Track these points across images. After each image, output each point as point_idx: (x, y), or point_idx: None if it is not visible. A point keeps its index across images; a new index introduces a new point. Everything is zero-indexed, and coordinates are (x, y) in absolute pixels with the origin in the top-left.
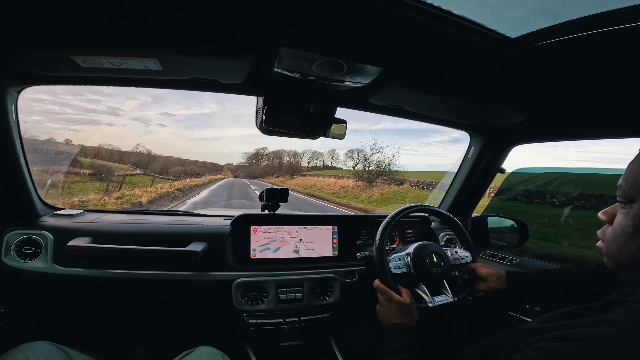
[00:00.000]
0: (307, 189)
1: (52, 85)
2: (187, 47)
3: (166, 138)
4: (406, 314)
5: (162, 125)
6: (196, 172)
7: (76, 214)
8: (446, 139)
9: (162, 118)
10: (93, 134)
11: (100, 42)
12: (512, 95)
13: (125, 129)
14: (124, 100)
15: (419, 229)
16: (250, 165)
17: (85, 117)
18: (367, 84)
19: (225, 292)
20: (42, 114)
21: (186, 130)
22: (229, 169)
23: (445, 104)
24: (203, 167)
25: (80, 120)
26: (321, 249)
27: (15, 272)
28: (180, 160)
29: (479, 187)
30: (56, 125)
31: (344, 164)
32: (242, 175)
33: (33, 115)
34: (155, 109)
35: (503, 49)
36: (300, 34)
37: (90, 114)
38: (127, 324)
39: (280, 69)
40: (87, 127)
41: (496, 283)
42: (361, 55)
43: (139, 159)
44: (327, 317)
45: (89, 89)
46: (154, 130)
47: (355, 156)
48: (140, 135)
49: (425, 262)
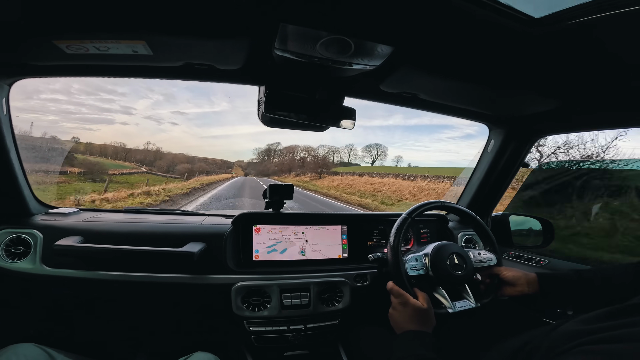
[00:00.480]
0: (364, 196)
1: (41, 77)
2: (177, 26)
3: (178, 136)
4: (422, 320)
5: (174, 123)
6: (205, 170)
7: (70, 213)
8: (458, 135)
9: (174, 116)
10: (107, 132)
11: (81, 23)
12: (538, 80)
13: (138, 128)
14: (136, 99)
15: (435, 229)
16: (262, 162)
17: (99, 116)
18: (377, 66)
19: (225, 296)
20: (59, 114)
21: (197, 128)
22: (240, 166)
23: (464, 91)
24: (213, 165)
25: (95, 119)
26: (329, 251)
27: (2, 272)
28: (189, 158)
29: (500, 183)
30: (72, 125)
31: (362, 159)
32: (253, 172)
33: (50, 115)
34: (167, 108)
35: (528, 30)
36: (301, 7)
37: (104, 113)
38: (119, 328)
39: (281, 51)
40: (102, 126)
41: (526, 287)
42: (371, 32)
43: (145, 156)
44: (336, 324)
45: (103, 87)
46: (167, 128)
47: (374, 151)
48: (153, 134)
49: (445, 264)
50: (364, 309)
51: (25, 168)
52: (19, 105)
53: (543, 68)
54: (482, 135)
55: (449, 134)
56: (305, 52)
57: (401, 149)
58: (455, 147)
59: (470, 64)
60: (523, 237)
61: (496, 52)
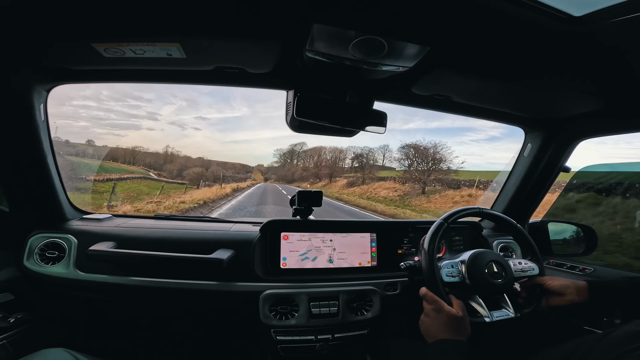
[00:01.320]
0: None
1: (79, 82)
2: (211, 28)
3: (201, 141)
4: (457, 328)
5: (197, 128)
6: (218, 175)
7: (104, 218)
8: (482, 138)
9: (196, 122)
10: (134, 137)
11: (120, 26)
12: (579, 79)
13: (163, 133)
14: (161, 105)
15: (468, 236)
16: (284, 166)
17: (127, 122)
18: (410, 68)
19: (252, 304)
20: (89, 120)
21: (219, 133)
22: (260, 171)
23: (500, 92)
24: (232, 169)
25: (123, 125)
26: (358, 258)
27: (37, 276)
28: (204, 162)
29: (538, 189)
30: (102, 130)
31: (398, 162)
32: (273, 177)
33: (81, 121)
34: (190, 113)
35: (569, 29)
36: (335, 8)
37: (132, 119)
38: (146, 335)
39: (312, 53)
40: (130, 132)
41: (576, 295)
42: (405, 32)
43: (156, 159)
44: (365, 334)
45: (130, 93)
46: (190, 133)
47: (411, 154)
48: (176, 139)
49: (483, 272)
50: (395, 319)
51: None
52: (52, 111)
53: (585, 67)
54: (507, 137)
55: (472, 137)
56: (337, 54)
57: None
58: (478, 150)
59: (507, 63)
60: (563, 245)
61: (535, 51)
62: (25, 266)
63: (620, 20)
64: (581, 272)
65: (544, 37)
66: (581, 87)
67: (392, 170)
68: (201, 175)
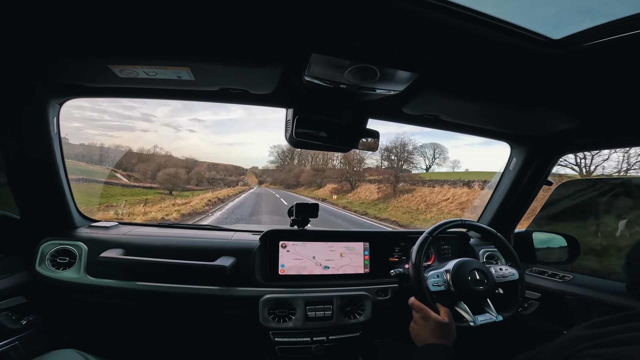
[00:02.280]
0: None
1: (92, 97)
2: (219, 54)
3: (195, 144)
4: (443, 334)
5: (191, 130)
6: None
7: (111, 226)
8: (477, 142)
9: (191, 124)
10: (128, 139)
11: (136, 50)
12: (559, 99)
13: (157, 135)
14: (156, 107)
15: (456, 245)
16: (282, 168)
17: (121, 123)
18: (400, 91)
19: (252, 308)
20: (83, 121)
21: (214, 135)
22: (254, 173)
23: (486, 112)
24: (224, 171)
25: (117, 126)
26: (352, 266)
27: (48, 281)
28: (189, 162)
29: (522, 201)
30: (95, 132)
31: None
32: (269, 180)
33: (74, 122)
34: (185, 115)
35: (547, 51)
36: (331, 40)
37: (125, 120)
38: (154, 337)
39: (311, 78)
40: (123, 133)
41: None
42: (395, 60)
43: (128, 158)
44: (357, 336)
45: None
46: (184, 135)
47: (429, 153)
48: (171, 141)
49: (466, 280)
50: (385, 323)
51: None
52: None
53: (563, 87)
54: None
55: (467, 141)
56: (333, 79)
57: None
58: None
59: (491, 85)
60: (547, 253)
61: (516, 73)
62: (37, 271)
63: (595, 43)
64: (561, 280)
65: (524, 59)
66: (559, 106)
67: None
68: (174, 177)
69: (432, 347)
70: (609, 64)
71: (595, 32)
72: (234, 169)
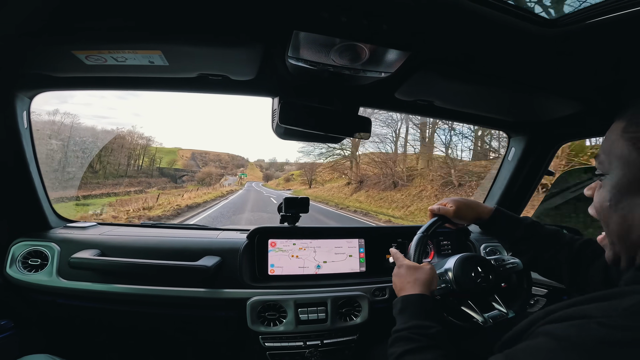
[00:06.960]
0: None
1: (61, 89)
2: (192, 35)
3: (193, 131)
4: (416, 279)
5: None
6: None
7: (88, 226)
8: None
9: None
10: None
11: (100, 33)
12: (558, 82)
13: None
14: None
15: (456, 240)
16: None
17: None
18: (392, 73)
19: (240, 311)
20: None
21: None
22: (259, 166)
23: (482, 97)
24: (216, 161)
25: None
26: (346, 264)
27: (19, 284)
28: (163, 149)
29: (523, 192)
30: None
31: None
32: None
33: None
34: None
35: (544, 31)
36: (314, 15)
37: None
38: (133, 343)
39: (295, 60)
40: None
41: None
42: (384, 37)
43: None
44: (355, 339)
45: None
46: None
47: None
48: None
49: (470, 277)
50: (384, 324)
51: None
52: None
53: (563, 70)
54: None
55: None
56: (318, 60)
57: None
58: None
59: (487, 67)
60: None
61: (513, 55)
62: (8, 274)
63: (594, 22)
64: None
65: (521, 40)
66: (560, 90)
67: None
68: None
69: (406, 300)
70: (611, 43)
71: (591, 11)
72: (230, 159)
